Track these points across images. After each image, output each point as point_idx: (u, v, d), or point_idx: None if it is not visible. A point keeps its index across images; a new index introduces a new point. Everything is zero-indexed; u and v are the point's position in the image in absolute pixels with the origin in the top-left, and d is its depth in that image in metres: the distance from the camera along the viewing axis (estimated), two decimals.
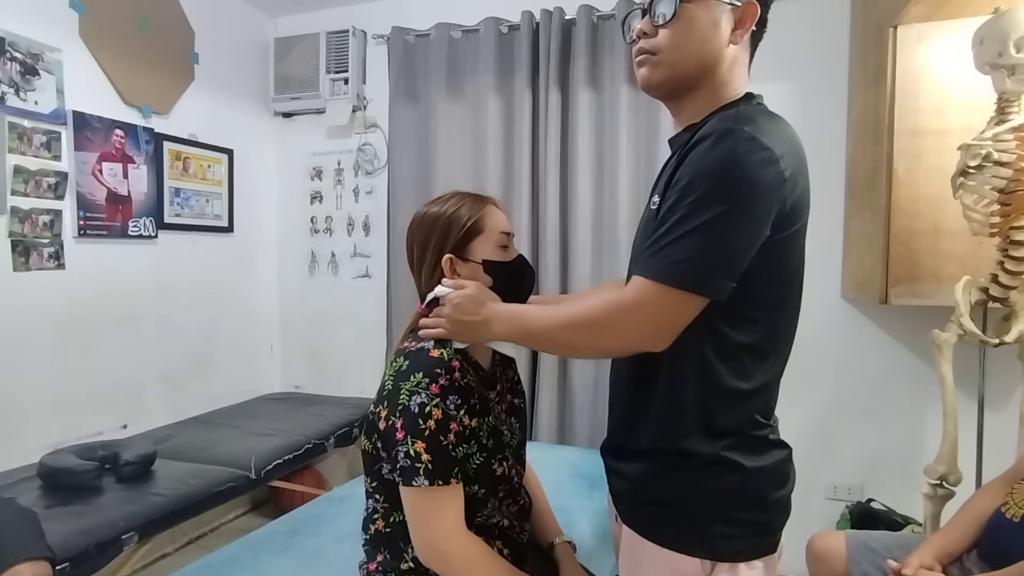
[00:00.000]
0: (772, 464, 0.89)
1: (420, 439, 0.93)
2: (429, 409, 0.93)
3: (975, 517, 1.40)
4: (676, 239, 0.78)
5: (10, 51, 2.01)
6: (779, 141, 0.80)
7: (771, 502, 0.89)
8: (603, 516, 1.73)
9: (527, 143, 2.61)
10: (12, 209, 2.02)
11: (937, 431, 1.76)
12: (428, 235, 1.07)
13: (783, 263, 0.85)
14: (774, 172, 0.78)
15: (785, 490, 0.91)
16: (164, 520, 1.79)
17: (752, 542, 0.88)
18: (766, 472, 0.88)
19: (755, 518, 0.88)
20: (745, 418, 0.87)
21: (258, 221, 3.11)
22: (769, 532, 0.89)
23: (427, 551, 0.96)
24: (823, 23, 2.34)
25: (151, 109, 2.50)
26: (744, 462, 0.86)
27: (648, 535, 0.90)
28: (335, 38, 2.93)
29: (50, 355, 2.16)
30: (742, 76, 0.94)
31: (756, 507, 0.87)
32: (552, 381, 2.57)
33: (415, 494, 0.95)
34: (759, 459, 0.87)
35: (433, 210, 1.09)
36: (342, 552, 1.46)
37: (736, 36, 0.90)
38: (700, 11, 0.88)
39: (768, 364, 0.88)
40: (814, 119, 2.35)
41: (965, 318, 1.66)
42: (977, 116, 1.70)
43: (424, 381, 0.95)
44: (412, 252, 1.11)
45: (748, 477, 0.86)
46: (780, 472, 0.91)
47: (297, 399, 2.97)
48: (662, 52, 0.90)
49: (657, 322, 0.81)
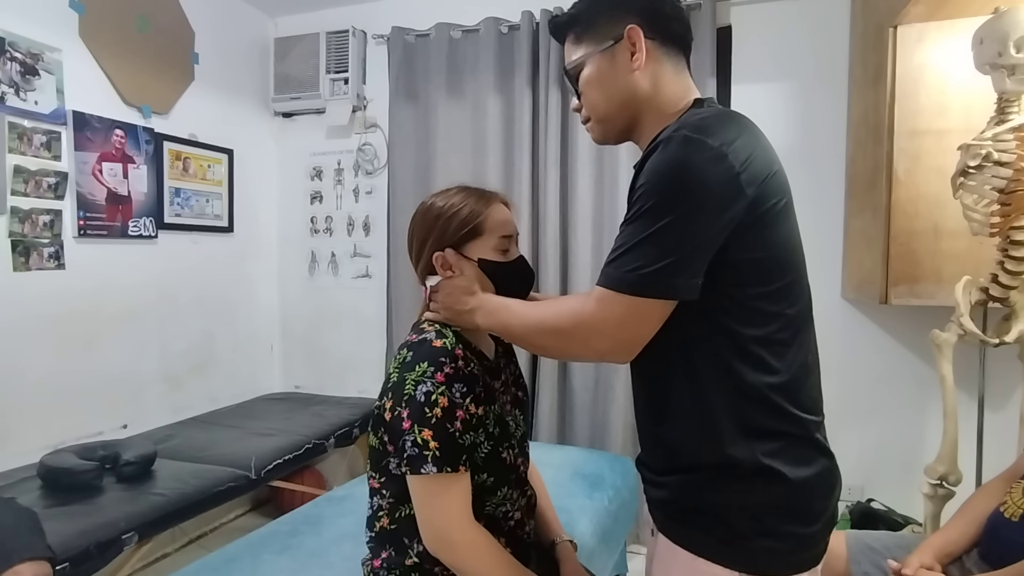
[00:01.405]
0: (817, 473, 0.86)
1: (427, 427, 0.93)
2: (435, 397, 0.94)
3: (975, 517, 1.39)
4: (631, 247, 0.79)
5: (10, 51, 2.01)
6: (726, 135, 0.80)
7: (816, 513, 0.86)
8: (603, 516, 1.73)
9: (527, 143, 2.61)
10: (12, 209, 2.02)
11: (937, 431, 1.76)
12: (428, 230, 1.08)
13: (775, 250, 0.84)
14: (723, 167, 0.78)
15: (832, 500, 0.89)
16: (164, 520, 1.79)
17: (796, 556, 0.85)
18: (811, 483, 0.85)
19: (799, 531, 0.85)
20: (781, 414, 0.84)
21: (258, 221, 3.11)
22: (813, 544, 0.86)
23: (434, 539, 0.96)
24: (823, 23, 2.34)
25: (151, 109, 2.50)
26: (787, 472, 0.82)
27: (685, 544, 0.87)
28: (335, 38, 2.93)
29: (50, 355, 2.16)
30: (674, 88, 0.94)
31: (801, 519, 0.85)
32: (552, 381, 2.57)
33: (423, 481, 0.95)
34: (803, 468, 0.84)
35: (438, 204, 1.10)
36: (342, 552, 1.46)
37: (635, 62, 0.91)
38: (592, 68, 0.94)
39: (791, 353, 0.85)
40: (814, 119, 2.36)
41: (965, 318, 1.66)
42: (977, 116, 1.70)
43: (429, 370, 0.96)
44: (412, 243, 1.12)
45: (793, 488, 0.83)
46: (826, 482, 0.88)
47: (297, 399, 2.97)
48: (592, 115, 0.98)
49: (619, 333, 0.82)
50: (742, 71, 2.44)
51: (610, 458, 2.08)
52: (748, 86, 2.43)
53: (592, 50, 0.94)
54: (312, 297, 3.18)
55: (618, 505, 1.83)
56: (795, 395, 0.85)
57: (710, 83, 2.35)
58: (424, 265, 1.09)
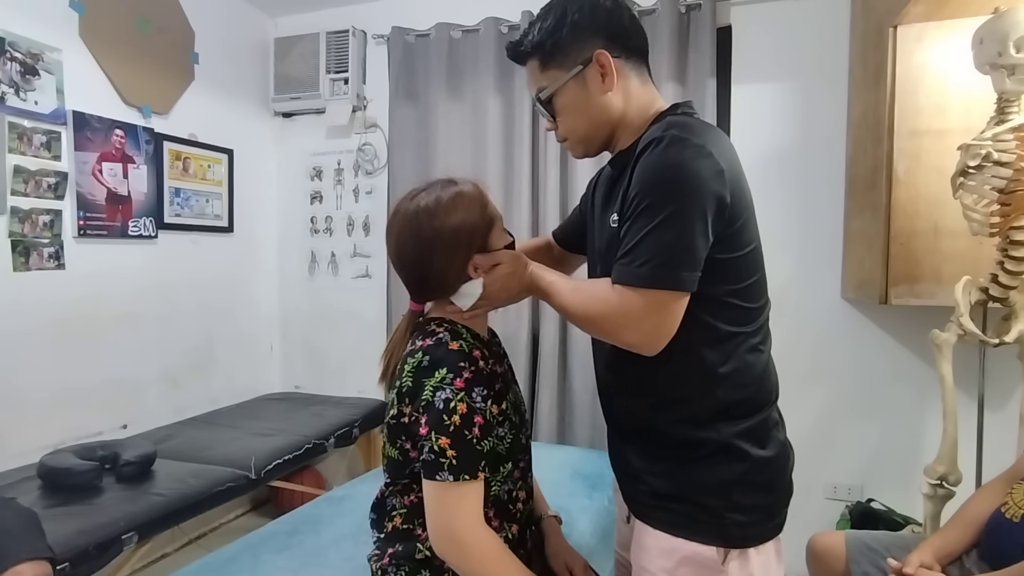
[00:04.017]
0: (777, 449, 0.96)
1: (445, 435, 0.93)
2: (454, 404, 0.93)
3: (975, 517, 1.40)
4: (638, 242, 0.85)
5: (10, 51, 2.01)
6: (709, 140, 0.87)
7: (777, 486, 0.96)
8: (603, 516, 1.73)
9: (527, 143, 2.61)
10: (12, 209, 2.02)
11: (937, 431, 1.76)
12: (454, 248, 1.01)
13: (747, 251, 0.92)
14: (710, 163, 0.85)
15: (788, 472, 0.99)
16: (164, 520, 1.79)
17: (762, 526, 0.94)
18: (772, 458, 0.95)
19: (764, 502, 0.94)
20: (747, 398, 0.93)
21: (258, 221, 3.11)
22: (776, 514, 0.96)
23: (444, 541, 0.96)
24: (823, 23, 2.34)
25: (151, 109, 2.50)
26: (751, 450, 0.92)
27: (661, 527, 0.96)
28: (335, 38, 2.93)
29: (50, 355, 2.16)
30: (643, 98, 1.00)
31: (763, 492, 0.94)
32: (552, 381, 2.57)
33: (438, 488, 0.95)
34: (766, 446, 0.94)
35: (447, 223, 1.00)
36: (342, 552, 1.46)
37: (608, 83, 0.96)
38: (565, 95, 0.98)
39: (756, 344, 0.95)
40: (814, 119, 2.36)
41: (965, 318, 1.66)
42: (977, 116, 1.70)
43: (448, 376, 0.95)
44: (407, 250, 1.05)
45: (756, 465, 0.92)
46: (784, 455, 0.98)
47: (297, 399, 2.97)
48: (568, 135, 1.03)
49: (642, 324, 0.87)
50: (742, 71, 2.44)
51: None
52: (748, 86, 2.43)
53: (561, 76, 0.97)
54: (312, 297, 3.18)
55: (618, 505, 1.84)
56: (760, 381, 0.96)
57: (710, 83, 2.34)
58: (458, 269, 1.02)
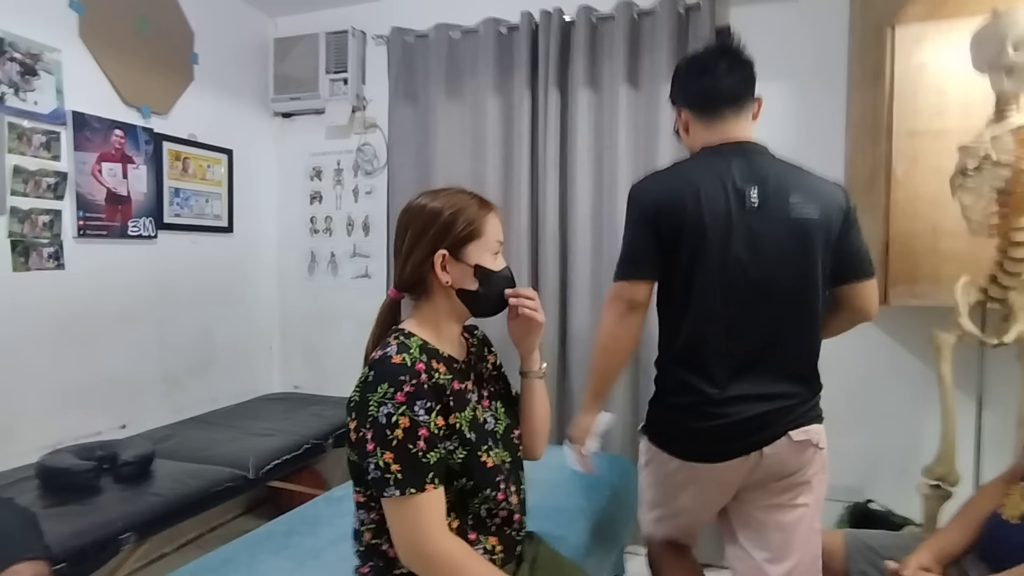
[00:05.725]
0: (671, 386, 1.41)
1: (388, 450, 0.94)
2: (396, 419, 0.94)
3: (973, 518, 1.39)
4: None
5: (10, 51, 2.01)
6: (654, 182, 1.40)
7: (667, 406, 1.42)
8: (601, 517, 1.73)
9: (526, 143, 2.61)
10: (12, 209, 2.02)
11: (936, 431, 1.76)
12: (426, 226, 1.06)
13: (676, 267, 1.34)
14: (640, 198, 1.38)
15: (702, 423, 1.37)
16: (162, 520, 1.79)
17: (677, 442, 1.41)
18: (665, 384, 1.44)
19: (673, 419, 1.42)
20: (686, 345, 1.36)
21: (258, 221, 3.11)
22: (687, 440, 1.39)
23: (409, 555, 0.97)
24: (822, 23, 2.34)
25: (151, 109, 2.51)
26: (687, 378, 1.36)
27: (644, 431, 1.51)
28: (334, 38, 2.93)
29: (49, 355, 2.17)
30: (690, 143, 1.47)
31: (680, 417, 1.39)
32: (552, 382, 2.57)
33: (391, 503, 0.96)
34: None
35: (436, 203, 1.07)
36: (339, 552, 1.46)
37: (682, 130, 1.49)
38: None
39: (691, 316, 1.34)
40: (813, 120, 2.36)
41: (964, 319, 1.66)
42: (975, 116, 1.69)
43: (390, 391, 0.95)
44: (403, 238, 1.08)
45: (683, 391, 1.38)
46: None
47: (296, 399, 2.97)
48: None
49: (619, 295, 1.37)
50: None
51: (609, 459, 2.07)
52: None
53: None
54: (311, 297, 3.18)
55: (616, 506, 1.83)
56: (692, 338, 1.36)
57: None
58: (416, 260, 1.06)
